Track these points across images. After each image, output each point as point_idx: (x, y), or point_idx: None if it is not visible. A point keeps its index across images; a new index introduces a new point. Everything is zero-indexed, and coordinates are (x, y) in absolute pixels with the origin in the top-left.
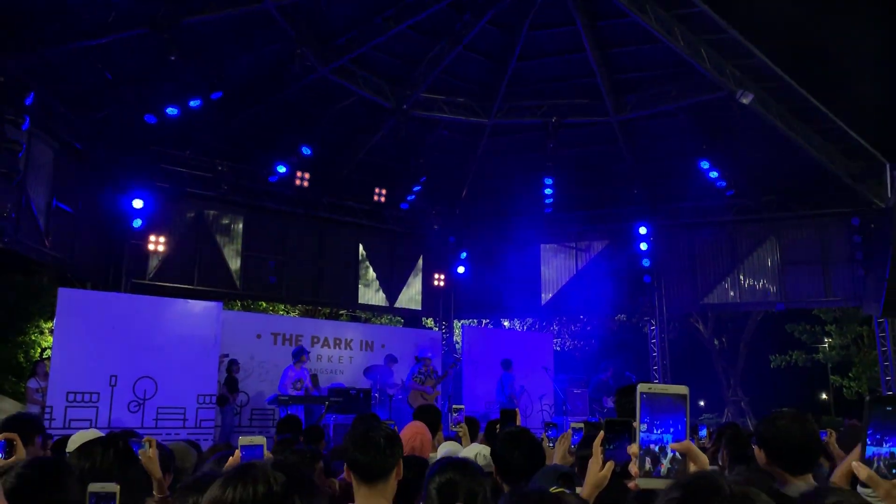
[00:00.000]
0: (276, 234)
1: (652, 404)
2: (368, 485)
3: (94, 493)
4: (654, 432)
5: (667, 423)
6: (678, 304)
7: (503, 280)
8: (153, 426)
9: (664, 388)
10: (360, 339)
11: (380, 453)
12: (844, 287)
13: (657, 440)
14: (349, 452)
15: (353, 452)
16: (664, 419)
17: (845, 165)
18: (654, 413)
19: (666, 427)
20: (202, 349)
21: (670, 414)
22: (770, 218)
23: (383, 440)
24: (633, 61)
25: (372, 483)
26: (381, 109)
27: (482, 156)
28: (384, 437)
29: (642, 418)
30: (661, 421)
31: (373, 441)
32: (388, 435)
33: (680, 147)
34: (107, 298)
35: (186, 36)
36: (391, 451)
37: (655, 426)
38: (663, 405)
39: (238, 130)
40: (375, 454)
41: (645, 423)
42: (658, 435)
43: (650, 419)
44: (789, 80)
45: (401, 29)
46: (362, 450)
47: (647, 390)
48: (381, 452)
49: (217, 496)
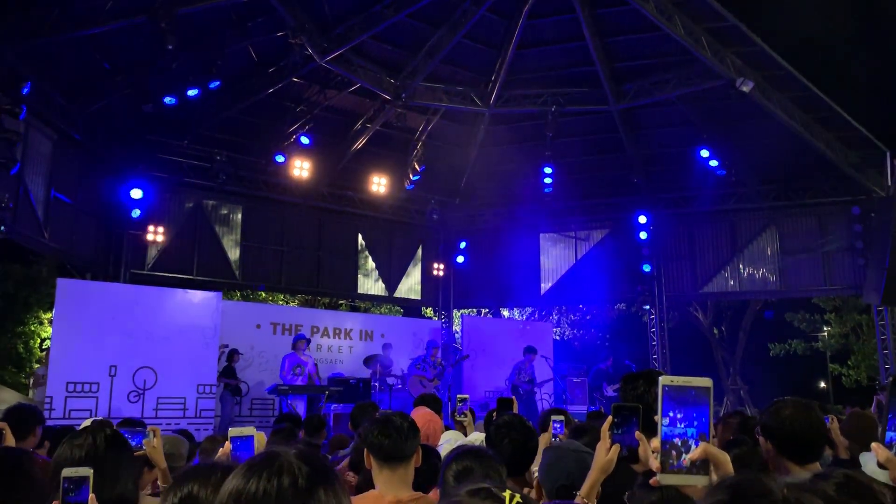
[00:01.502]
0: (275, 223)
1: (674, 397)
2: (390, 468)
3: (67, 478)
4: (677, 426)
5: (690, 416)
6: (677, 292)
7: (502, 269)
8: (153, 416)
9: (687, 381)
10: (359, 329)
11: (402, 436)
12: (844, 276)
13: (681, 434)
14: (371, 436)
15: (376, 436)
16: (687, 412)
17: (845, 154)
18: (676, 406)
19: (689, 420)
20: (201, 339)
21: (693, 407)
22: (770, 207)
23: (406, 424)
24: (632, 49)
25: (394, 466)
26: (380, 98)
27: (481, 145)
28: (406, 422)
29: (664, 411)
30: (684, 414)
31: (395, 424)
32: (408, 419)
33: (680, 136)
34: (106, 289)
35: (184, 24)
36: (413, 434)
37: (679, 420)
38: (686, 398)
39: (236, 120)
40: (398, 437)
41: (667, 417)
42: (682, 429)
43: (673, 412)
44: (790, 69)
45: (400, 17)
46: (385, 433)
47: (669, 383)
48: (403, 435)
49: (239, 487)
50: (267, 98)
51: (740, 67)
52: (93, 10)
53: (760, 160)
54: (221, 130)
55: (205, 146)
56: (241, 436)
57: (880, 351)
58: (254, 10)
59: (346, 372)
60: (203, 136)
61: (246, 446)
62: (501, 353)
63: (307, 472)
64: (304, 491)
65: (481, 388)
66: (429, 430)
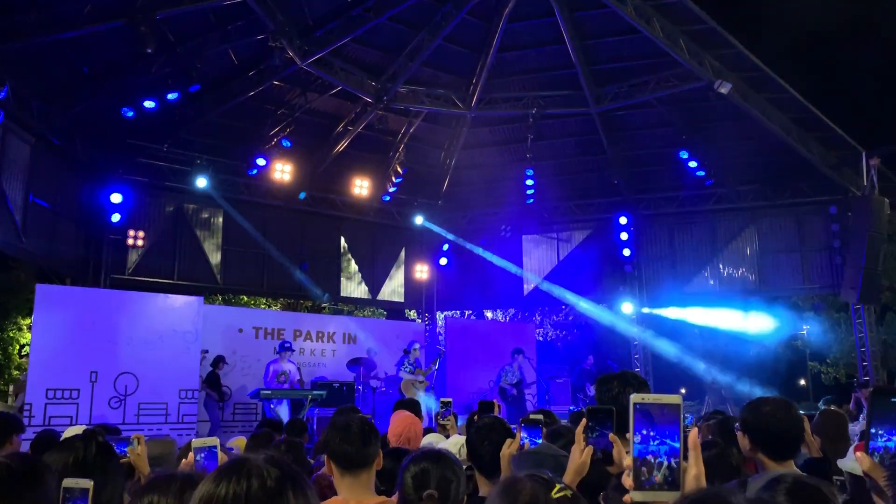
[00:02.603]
0: (256, 227)
1: (645, 415)
2: (352, 474)
3: (67, 489)
4: (649, 443)
5: (661, 432)
6: (659, 292)
7: (485, 271)
8: (135, 422)
9: (657, 398)
10: (342, 332)
11: (362, 443)
12: (822, 275)
13: (654, 451)
14: (331, 443)
15: (337, 443)
16: (658, 429)
17: (822, 154)
18: (648, 424)
19: (662, 438)
20: (183, 344)
21: (665, 424)
22: (749, 207)
23: (367, 429)
24: (612, 52)
25: (356, 472)
26: (362, 101)
27: (463, 147)
28: (365, 426)
29: (636, 429)
30: (656, 431)
31: (354, 430)
32: (368, 424)
33: (659, 137)
34: (86, 294)
35: (163, 28)
36: (374, 439)
37: (650, 437)
38: (657, 415)
39: (217, 123)
40: (360, 443)
41: (639, 434)
42: (654, 446)
43: (645, 430)
44: (767, 71)
45: (380, 21)
46: (345, 440)
47: (640, 401)
48: (363, 442)
49: (210, 491)
50: (247, 101)
51: (718, 69)
52: (71, 14)
53: (739, 161)
54: (202, 134)
55: (185, 150)
56: (205, 446)
57: (858, 348)
58: (234, 14)
59: (329, 375)
60: (183, 139)
61: (210, 456)
62: (485, 354)
63: (276, 474)
64: (273, 493)
65: (465, 390)
66: (409, 433)
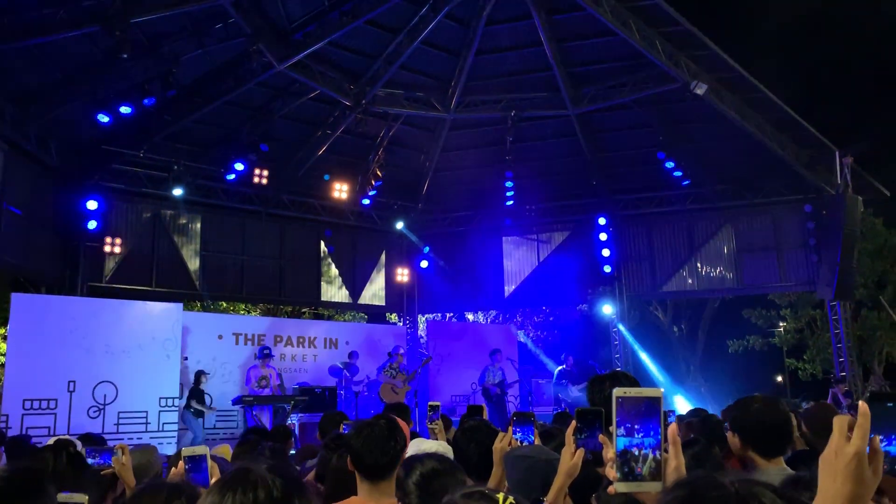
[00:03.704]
0: (235, 232)
1: (628, 408)
2: (371, 482)
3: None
4: (634, 436)
5: (643, 426)
6: (638, 292)
7: (466, 273)
8: (114, 431)
9: (639, 392)
10: (323, 337)
11: (385, 453)
12: (798, 272)
13: (638, 444)
14: (354, 451)
15: (359, 452)
16: (641, 422)
17: (797, 153)
18: (630, 417)
19: (646, 430)
20: (163, 352)
21: (646, 417)
22: (725, 206)
23: (389, 439)
24: (589, 54)
25: (376, 481)
26: (340, 105)
27: (443, 150)
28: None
29: (619, 423)
30: (639, 424)
31: (379, 440)
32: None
33: (637, 138)
34: (62, 302)
35: (139, 33)
36: (395, 449)
37: (635, 430)
38: (639, 409)
39: (194, 128)
40: (380, 454)
41: (622, 427)
42: (638, 439)
43: (627, 423)
44: (742, 71)
45: (358, 24)
46: (367, 450)
47: (622, 394)
48: (386, 452)
49: (216, 503)
50: (225, 106)
51: (694, 71)
52: (45, 19)
53: (715, 161)
54: (179, 139)
55: (162, 155)
56: (195, 455)
57: (834, 345)
58: (210, 18)
59: (311, 381)
60: (160, 145)
61: (200, 466)
62: (467, 356)
63: (281, 483)
64: (279, 502)
65: (448, 392)
66: None
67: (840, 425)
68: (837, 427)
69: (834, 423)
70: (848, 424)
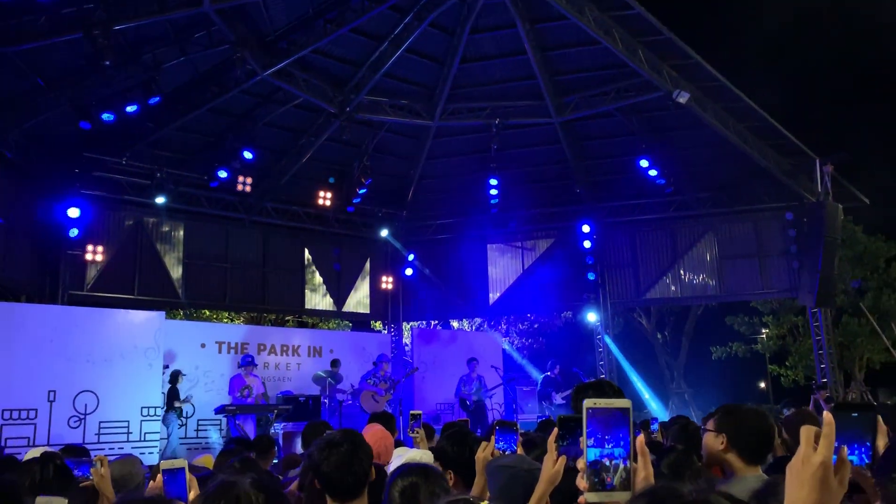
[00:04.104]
0: (218, 240)
1: (598, 419)
2: (342, 500)
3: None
4: (604, 447)
5: (614, 436)
6: (622, 299)
7: (451, 281)
8: (95, 441)
9: (609, 403)
10: (307, 346)
11: (354, 475)
12: (780, 279)
13: (608, 454)
14: (323, 472)
15: (329, 472)
16: (612, 433)
17: (778, 161)
18: (601, 427)
19: (616, 441)
20: (144, 361)
21: (617, 427)
22: (708, 214)
23: (354, 457)
24: (573, 63)
25: (347, 501)
26: (325, 112)
27: (427, 158)
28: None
29: (589, 433)
30: (610, 435)
31: (349, 462)
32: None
33: (620, 146)
34: (43, 311)
35: (122, 40)
36: (362, 466)
37: (605, 440)
38: (609, 419)
39: (177, 136)
40: (350, 476)
41: (592, 438)
42: (608, 449)
43: (597, 433)
44: (723, 80)
45: (343, 32)
46: (338, 474)
47: (592, 405)
48: (353, 472)
49: None
50: (209, 113)
51: (676, 79)
52: (26, 26)
53: (698, 169)
54: (162, 146)
55: (145, 163)
56: (173, 468)
57: (815, 351)
58: (193, 26)
59: (294, 389)
60: (143, 152)
61: (178, 479)
62: (452, 364)
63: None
64: None
65: (432, 400)
66: (380, 447)
67: (807, 435)
68: (804, 436)
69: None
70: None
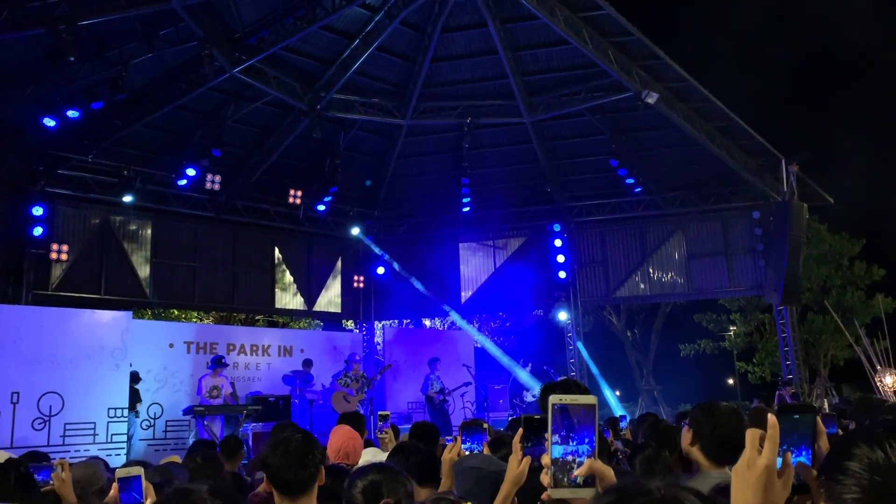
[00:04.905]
0: (187, 239)
1: (563, 415)
2: (290, 499)
3: None
4: (568, 443)
5: (580, 433)
6: (592, 297)
7: (423, 280)
8: (60, 443)
9: (574, 399)
10: (277, 345)
11: (303, 468)
12: (747, 277)
13: (573, 451)
14: (270, 467)
15: (275, 468)
16: (577, 429)
17: (745, 161)
18: (566, 424)
19: (580, 438)
20: (111, 361)
21: (582, 424)
22: (676, 213)
23: (304, 451)
24: (544, 63)
25: (294, 497)
26: (295, 110)
27: (399, 156)
28: (304, 447)
29: (554, 429)
30: (574, 432)
31: (293, 452)
32: (308, 445)
33: (590, 146)
34: (6, 311)
35: (87, 35)
36: (314, 463)
37: (571, 437)
38: (575, 416)
39: (145, 133)
40: (299, 469)
41: (557, 435)
42: (573, 446)
43: (563, 430)
44: (691, 81)
45: (312, 29)
46: (283, 462)
47: (558, 401)
48: (304, 467)
49: None
50: (177, 110)
51: (645, 80)
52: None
53: (666, 168)
54: (129, 144)
55: (111, 160)
56: (129, 476)
57: (781, 348)
58: (161, 21)
59: (264, 389)
60: (109, 150)
61: (134, 487)
62: (423, 364)
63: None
64: None
65: (403, 399)
66: (349, 448)
67: (752, 438)
68: (749, 440)
69: (746, 435)
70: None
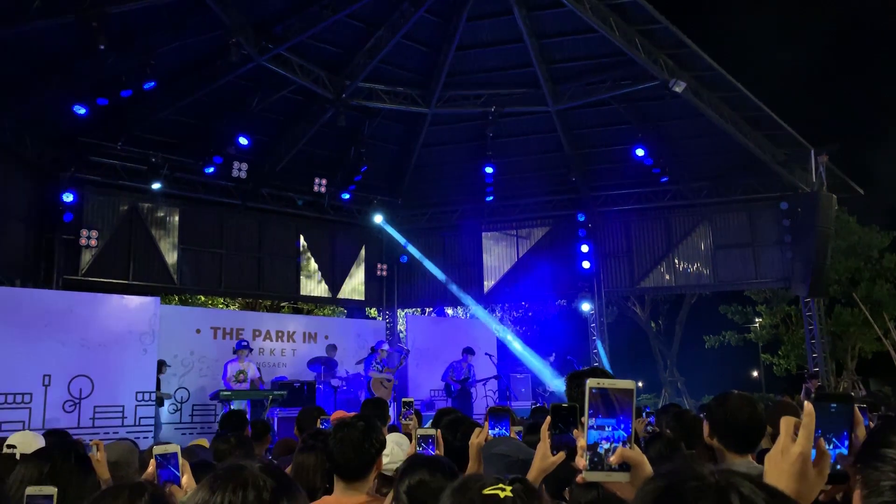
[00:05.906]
0: (213, 226)
1: (601, 399)
2: (346, 482)
3: (31, 497)
4: (605, 429)
5: (615, 417)
6: (616, 287)
7: (446, 268)
8: (90, 426)
9: (612, 384)
10: (302, 331)
11: (359, 455)
12: (773, 269)
13: (608, 436)
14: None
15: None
16: (614, 414)
17: (773, 152)
18: (602, 408)
19: (617, 423)
20: (139, 346)
21: (619, 409)
22: (702, 203)
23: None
24: (569, 51)
25: (351, 482)
26: (321, 98)
27: (423, 145)
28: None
29: (591, 413)
30: (610, 416)
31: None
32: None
33: (616, 135)
34: (38, 295)
35: (116, 24)
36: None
37: (608, 422)
38: (611, 400)
39: (173, 121)
40: (354, 455)
41: (594, 419)
42: (609, 431)
43: (600, 414)
44: (720, 70)
45: (338, 17)
46: (341, 451)
47: (596, 385)
48: (360, 454)
49: (206, 499)
50: (204, 98)
51: (672, 68)
52: (18, 8)
53: (693, 158)
54: (157, 132)
55: (140, 148)
56: (165, 453)
57: (808, 340)
58: (189, 10)
59: (289, 375)
60: (138, 137)
61: (172, 464)
62: (446, 351)
63: (271, 485)
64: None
65: (426, 386)
66: None
67: (786, 425)
68: (784, 428)
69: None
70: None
